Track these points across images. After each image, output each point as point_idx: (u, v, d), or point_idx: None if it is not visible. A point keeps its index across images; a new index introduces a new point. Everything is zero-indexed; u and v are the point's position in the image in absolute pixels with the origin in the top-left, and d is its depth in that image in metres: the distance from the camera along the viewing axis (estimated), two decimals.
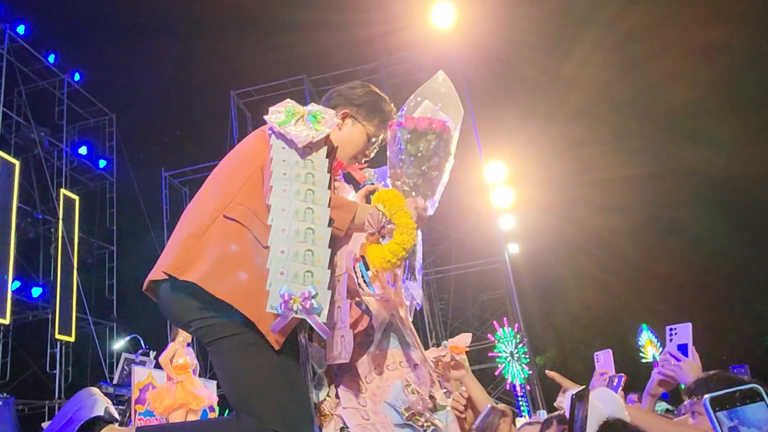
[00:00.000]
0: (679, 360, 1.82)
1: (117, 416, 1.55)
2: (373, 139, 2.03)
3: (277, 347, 1.53)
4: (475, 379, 2.25)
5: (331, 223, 1.61)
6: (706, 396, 0.83)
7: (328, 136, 1.71)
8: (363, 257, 1.99)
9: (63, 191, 11.77)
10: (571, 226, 18.76)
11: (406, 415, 1.78)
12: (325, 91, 14.33)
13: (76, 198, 12.12)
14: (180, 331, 6.62)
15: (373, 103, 2.03)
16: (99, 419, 1.50)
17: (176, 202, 14.25)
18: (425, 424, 1.79)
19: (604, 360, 1.97)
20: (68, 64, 13.01)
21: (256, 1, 14.87)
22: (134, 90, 14.57)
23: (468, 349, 2.41)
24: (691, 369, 1.76)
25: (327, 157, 1.70)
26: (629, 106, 20.09)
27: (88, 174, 13.66)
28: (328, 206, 1.61)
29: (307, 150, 1.67)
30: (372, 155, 2.08)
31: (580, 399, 1.39)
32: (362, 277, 2.09)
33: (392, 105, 2.08)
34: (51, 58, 12.46)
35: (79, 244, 11.88)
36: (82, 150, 13.20)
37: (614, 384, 2.11)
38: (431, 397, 1.90)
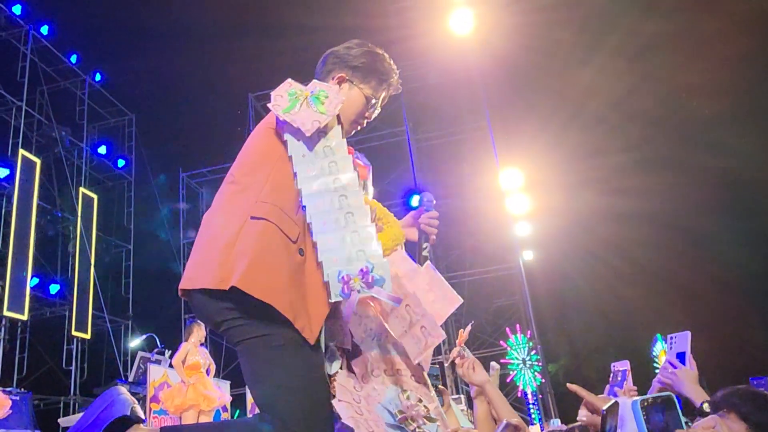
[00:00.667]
0: (676, 368, 1.82)
1: (143, 416, 1.57)
2: (373, 101, 1.96)
3: (312, 342, 1.55)
4: (498, 390, 2.26)
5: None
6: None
7: (336, 117, 1.70)
8: None
9: (82, 190, 11.92)
10: (587, 234, 18.62)
11: (399, 417, 1.78)
12: None
13: (95, 197, 12.27)
14: (193, 331, 6.69)
15: (369, 63, 1.95)
16: (126, 419, 1.52)
17: (193, 203, 14.37)
18: (417, 430, 1.79)
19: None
20: (90, 64, 13.19)
21: (275, 5, 14.96)
22: (154, 91, 14.72)
23: (466, 337, 2.44)
24: (686, 377, 1.77)
25: (343, 137, 1.70)
26: (648, 114, 19.93)
27: (107, 173, 13.82)
28: (357, 187, 1.63)
29: (318, 136, 1.67)
30: (373, 117, 2.03)
31: (611, 413, 1.38)
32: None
33: (391, 61, 2.01)
34: (73, 59, 12.64)
35: (96, 242, 12.02)
36: (102, 149, 13.36)
37: (618, 380, 2.09)
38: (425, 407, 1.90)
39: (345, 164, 1.65)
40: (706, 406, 1.80)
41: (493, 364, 2.55)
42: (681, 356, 1.83)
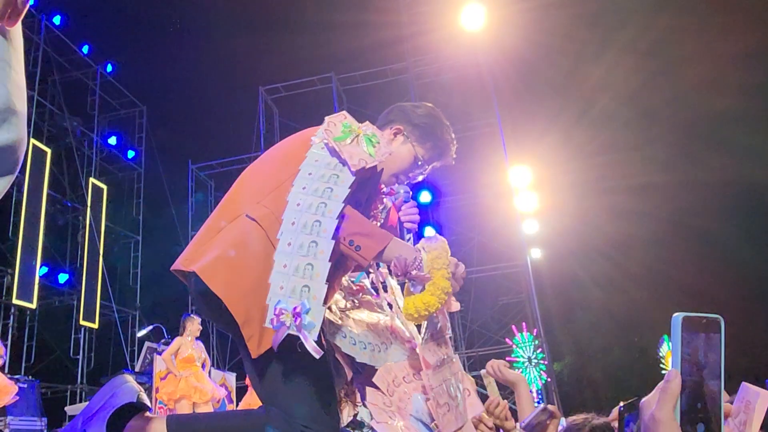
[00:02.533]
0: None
1: (149, 404, 1.58)
2: (420, 162, 1.95)
3: (253, 356, 1.51)
4: (528, 389, 2.25)
5: (336, 237, 1.57)
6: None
7: (375, 167, 1.70)
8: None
9: (92, 180, 11.98)
10: (596, 232, 18.56)
11: (436, 431, 1.77)
12: (352, 89, 14.29)
13: (105, 187, 12.33)
14: (188, 325, 6.78)
15: (430, 126, 1.95)
16: (132, 406, 1.53)
17: (202, 195, 14.42)
18: None
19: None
20: (102, 55, 13.23)
21: (287, 0, 14.98)
22: (165, 83, 14.76)
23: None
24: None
25: (368, 180, 1.69)
26: (658, 112, 19.82)
27: (117, 164, 13.88)
28: (336, 219, 1.57)
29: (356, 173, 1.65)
30: (417, 179, 2.01)
31: (630, 410, 1.30)
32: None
33: (452, 135, 2.00)
34: (85, 49, 12.69)
35: (105, 232, 12.08)
36: (112, 140, 13.42)
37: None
38: None
39: (340, 194, 1.60)
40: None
41: (483, 372, 2.51)
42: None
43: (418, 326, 1.90)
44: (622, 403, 1.32)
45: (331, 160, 1.66)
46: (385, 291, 2.09)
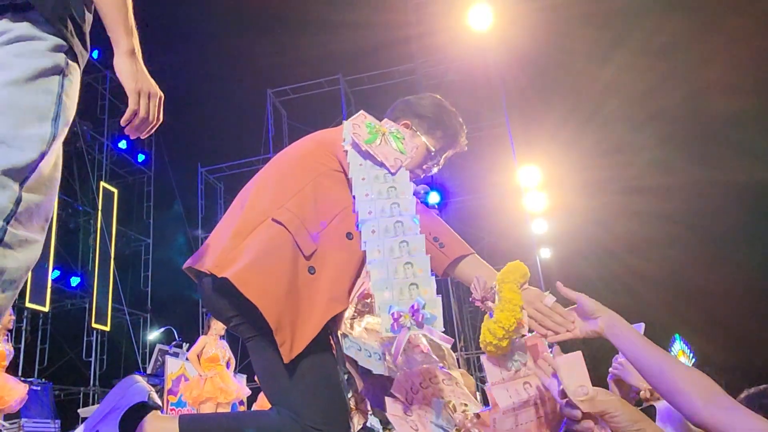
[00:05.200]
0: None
1: (160, 403, 1.59)
2: (433, 153, 1.94)
3: (286, 360, 1.51)
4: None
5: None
6: None
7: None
8: None
9: (102, 184, 12.06)
10: (606, 232, 18.48)
11: None
12: (360, 91, 14.28)
13: (115, 191, 12.41)
14: (213, 323, 6.74)
15: (437, 115, 1.93)
16: (144, 405, 1.54)
17: (211, 198, 14.48)
18: None
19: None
20: (111, 59, 13.24)
21: (294, 0, 15.01)
22: (174, 86, 14.83)
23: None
24: (631, 366, 1.75)
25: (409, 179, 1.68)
26: (669, 113, 19.71)
27: (127, 167, 13.97)
28: (414, 215, 1.57)
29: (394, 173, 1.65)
30: (433, 171, 2.00)
31: None
32: None
33: (460, 119, 1.98)
34: (95, 54, 12.78)
35: (116, 235, 12.16)
36: (122, 144, 13.50)
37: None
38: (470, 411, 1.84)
39: (408, 207, 1.60)
40: (642, 394, 1.81)
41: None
42: None
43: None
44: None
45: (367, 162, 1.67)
46: None
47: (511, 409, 1.49)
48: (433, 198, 11.65)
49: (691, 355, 16.83)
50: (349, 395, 1.87)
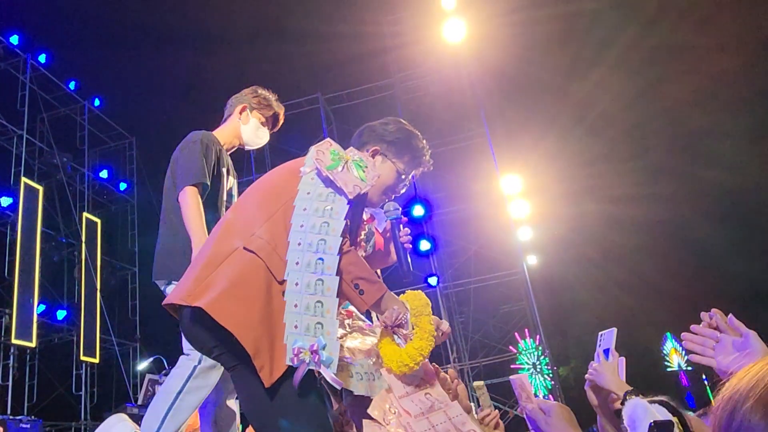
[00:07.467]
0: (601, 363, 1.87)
1: None
2: (403, 176, 2.02)
3: (266, 385, 1.54)
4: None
5: (339, 273, 1.63)
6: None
7: (365, 192, 1.75)
8: None
9: (85, 215, 11.96)
10: (586, 240, 18.74)
11: None
12: (339, 109, 14.31)
13: (98, 221, 12.30)
14: None
15: (404, 139, 2.02)
16: None
17: None
18: None
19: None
20: (88, 89, 13.24)
21: (268, 14, 15.08)
22: (153, 112, 14.81)
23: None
24: (606, 370, 1.83)
25: (356, 206, 1.74)
26: (646, 126, 20.16)
27: (110, 197, 13.87)
28: (338, 254, 1.62)
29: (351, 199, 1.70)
30: (402, 192, 2.08)
31: (662, 429, 1.27)
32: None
33: (424, 141, 2.08)
34: (72, 85, 12.71)
35: (101, 266, 12.04)
36: (103, 173, 13.41)
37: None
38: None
39: (336, 228, 1.65)
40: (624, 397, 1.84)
41: (476, 384, 2.53)
42: (606, 352, 1.88)
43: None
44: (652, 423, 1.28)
45: (324, 190, 1.71)
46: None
47: (420, 413, 1.74)
48: (418, 211, 11.68)
49: (684, 353, 16.92)
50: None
